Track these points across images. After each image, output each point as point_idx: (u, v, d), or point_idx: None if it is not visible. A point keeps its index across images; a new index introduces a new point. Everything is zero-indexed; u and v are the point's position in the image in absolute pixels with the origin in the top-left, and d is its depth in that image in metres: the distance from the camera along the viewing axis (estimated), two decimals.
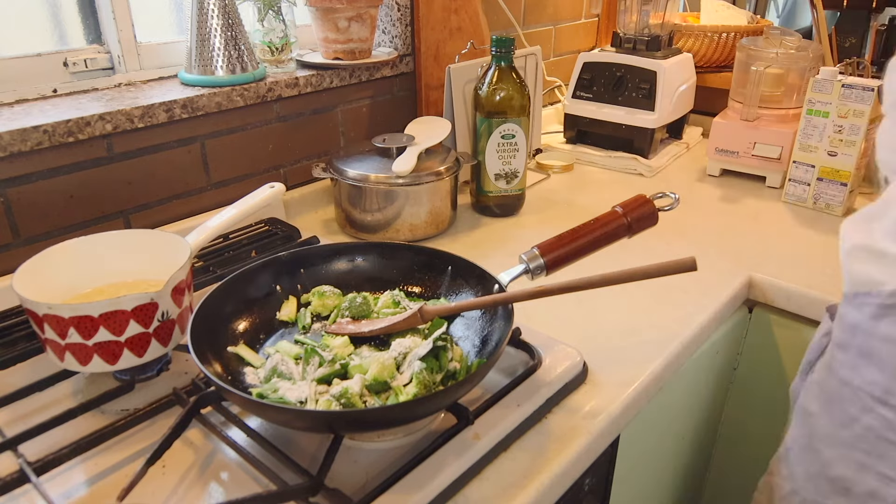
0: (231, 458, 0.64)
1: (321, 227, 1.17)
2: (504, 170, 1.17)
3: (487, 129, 1.14)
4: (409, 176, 1.05)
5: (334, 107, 1.24)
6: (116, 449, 0.65)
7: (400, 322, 0.72)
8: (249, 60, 1.09)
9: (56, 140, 0.89)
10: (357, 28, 1.18)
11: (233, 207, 0.88)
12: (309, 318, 0.78)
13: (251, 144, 1.13)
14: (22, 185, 0.89)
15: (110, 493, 0.58)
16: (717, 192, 1.35)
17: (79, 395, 0.73)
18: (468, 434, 0.65)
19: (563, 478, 0.66)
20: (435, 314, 0.72)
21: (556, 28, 1.72)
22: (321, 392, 0.64)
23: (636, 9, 1.49)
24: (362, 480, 0.61)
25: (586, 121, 1.50)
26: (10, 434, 0.64)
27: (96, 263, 0.78)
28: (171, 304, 0.70)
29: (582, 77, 1.50)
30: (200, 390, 0.68)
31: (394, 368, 0.67)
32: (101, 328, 0.66)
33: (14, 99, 0.95)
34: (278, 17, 1.14)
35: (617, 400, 0.74)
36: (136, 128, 0.97)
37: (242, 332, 0.75)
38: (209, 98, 1.03)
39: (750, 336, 1.10)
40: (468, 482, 0.62)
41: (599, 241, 0.78)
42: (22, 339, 0.80)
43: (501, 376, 0.74)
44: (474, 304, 0.73)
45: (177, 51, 1.12)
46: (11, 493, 0.58)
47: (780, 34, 1.40)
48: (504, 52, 1.12)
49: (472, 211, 1.24)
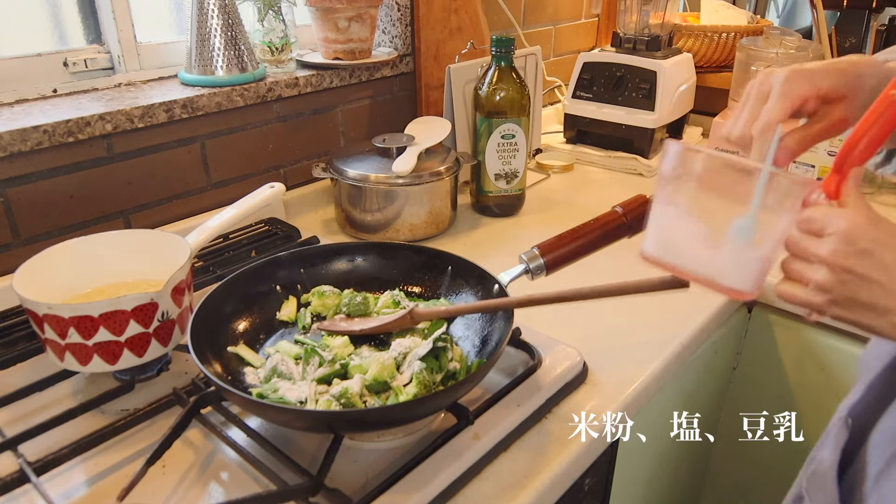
0: (231, 458, 0.64)
1: (321, 227, 1.17)
2: (504, 170, 1.17)
3: (487, 129, 1.14)
4: (409, 176, 1.05)
5: (334, 107, 1.24)
6: (116, 449, 0.65)
7: (391, 323, 0.73)
8: (249, 60, 1.09)
9: (56, 140, 0.88)
10: (357, 28, 1.18)
11: (233, 207, 0.88)
12: (309, 318, 0.78)
13: (251, 144, 1.13)
14: (22, 185, 0.89)
15: (110, 493, 0.58)
16: None
17: (79, 395, 0.73)
18: (468, 434, 0.65)
19: (563, 478, 0.66)
20: (425, 317, 0.72)
21: (556, 28, 1.72)
22: (321, 392, 0.64)
23: (636, 9, 1.49)
24: (362, 480, 0.61)
25: (586, 121, 1.50)
26: (10, 434, 0.64)
27: (96, 263, 0.78)
28: (171, 304, 0.70)
29: (582, 77, 1.50)
30: (200, 390, 0.68)
31: (394, 368, 0.67)
32: (101, 328, 0.66)
33: (14, 99, 0.95)
34: (278, 17, 1.14)
35: (617, 400, 0.74)
36: (136, 128, 0.97)
37: (242, 332, 0.75)
38: (209, 98, 1.03)
39: (749, 336, 1.10)
40: (468, 482, 0.62)
41: (599, 241, 0.78)
42: (22, 339, 0.80)
43: (501, 376, 0.74)
44: (465, 309, 0.73)
45: (177, 51, 1.12)
46: (11, 493, 0.58)
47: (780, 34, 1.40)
48: (504, 52, 1.12)
49: (472, 211, 1.24)
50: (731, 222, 0.52)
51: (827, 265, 0.49)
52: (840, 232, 0.49)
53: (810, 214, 0.51)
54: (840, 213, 0.50)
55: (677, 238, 0.56)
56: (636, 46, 1.47)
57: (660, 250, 0.58)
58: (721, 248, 0.54)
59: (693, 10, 1.81)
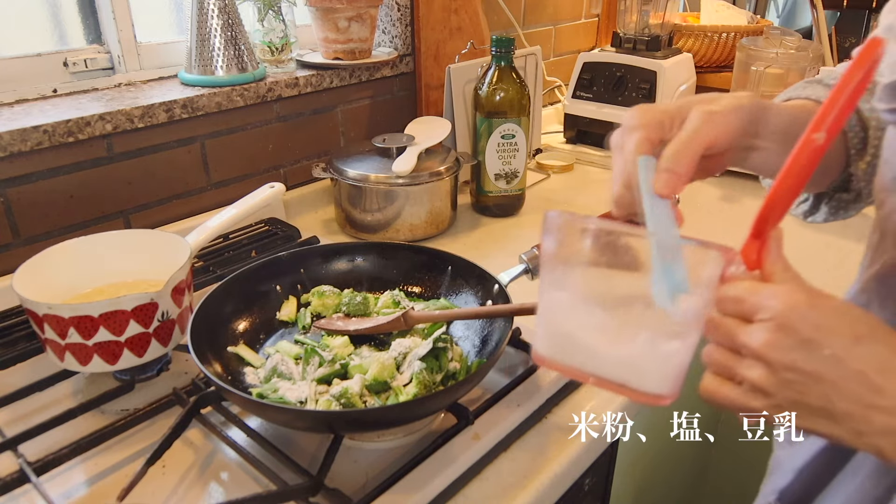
0: (231, 458, 0.64)
1: (321, 227, 1.17)
2: (504, 170, 1.17)
3: (487, 129, 1.14)
4: (409, 176, 1.05)
5: (334, 107, 1.24)
6: (116, 449, 0.65)
7: (385, 324, 0.73)
8: (249, 60, 1.09)
9: (56, 140, 0.88)
10: (357, 28, 1.18)
11: (233, 207, 0.88)
12: (309, 318, 0.78)
13: (251, 144, 1.13)
14: (22, 185, 0.89)
15: (110, 493, 0.58)
16: (717, 192, 1.35)
17: (79, 395, 0.73)
18: (468, 434, 0.65)
19: (563, 478, 0.66)
20: (418, 321, 0.72)
21: (556, 28, 1.72)
22: (321, 392, 0.64)
23: (636, 9, 1.49)
24: (362, 480, 0.61)
25: (586, 121, 1.50)
26: (10, 434, 0.64)
27: (96, 263, 0.78)
28: (171, 304, 0.70)
29: (582, 77, 1.50)
30: (200, 390, 0.68)
31: (394, 368, 0.67)
32: (101, 328, 0.66)
33: (14, 99, 0.95)
34: (278, 17, 1.14)
35: (617, 400, 0.74)
36: (136, 128, 0.97)
37: (242, 332, 0.75)
38: (209, 98, 1.03)
39: None
40: (468, 482, 0.62)
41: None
42: (22, 339, 0.80)
43: (501, 376, 0.74)
44: (458, 314, 0.73)
45: (177, 51, 1.12)
46: (11, 493, 0.58)
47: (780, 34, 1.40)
48: (504, 52, 1.12)
49: (472, 211, 1.24)
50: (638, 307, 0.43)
51: (763, 361, 0.40)
52: (775, 317, 0.39)
53: (733, 293, 0.41)
54: (770, 291, 0.40)
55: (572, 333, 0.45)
56: (636, 46, 1.47)
57: (554, 349, 0.46)
58: (629, 342, 0.43)
59: (693, 10, 1.81)
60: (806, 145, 0.40)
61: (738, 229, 0.44)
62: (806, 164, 0.40)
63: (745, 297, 0.41)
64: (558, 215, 0.44)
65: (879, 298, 0.53)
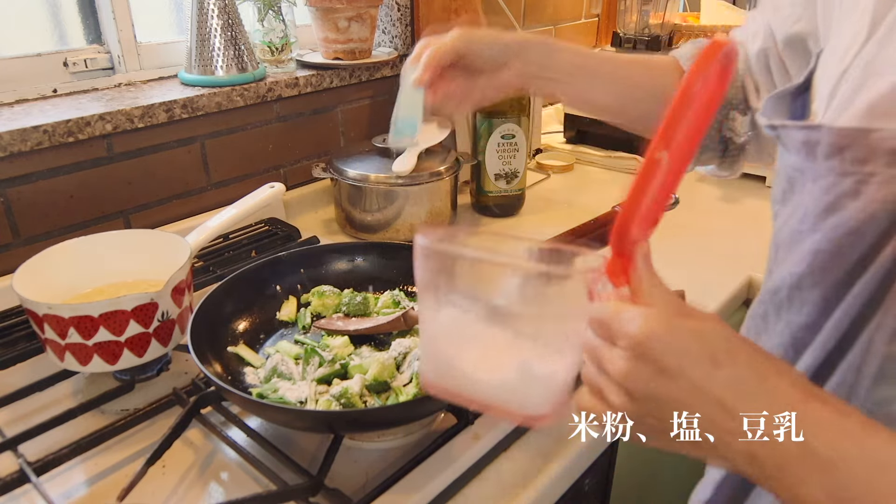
0: (231, 458, 0.64)
1: (321, 227, 1.17)
2: (504, 170, 1.17)
3: (487, 129, 1.14)
4: (409, 176, 1.05)
5: (334, 107, 1.24)
6: (116, 449, 0.65)
7: (384, 324, 0.73)
8: (249, 60, 1.09)
9: (56, 140, 0.88)
10: (357, 28, 1.18)
11: (233, 207, 0.88)
12: (309, 318, 0.78)
13: (251, 144, 1.13)
14: (22, 185, 0.89)
15: (110, 493, 0.58)
16: (717, 192, 1.35)
17: (79, 395, 0.73)
18: (468, 434, 0.65)
19: (563, 478, 0.66)
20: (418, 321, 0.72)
21: (556, 28, 1.72)
22: (321, 392, 0.64)
23: (636, 9, 1.49)
24: (362, 480, 0.61)
25: (586, 121, 1.50)
26: (10, 434, 0.64)
27: (96, 263, 0.78)
28: (171, 304, 0.70)
29: None
30: (200, 390, 0.68)
31: (394, 368, 0.67)
32: (101, 328, 0.66)
33: (14, 99, 0.95)
34: (278, 17, 1.14)
35: None
36: (136, 128, 0.97)
37: (242, 332, 0.75)
38: (209, 98, 1.03)
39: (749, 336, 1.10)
40: (468, 482, 0.62)
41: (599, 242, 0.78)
42: (22, 339, 0.80)
43: None
44: None
45: (177, 51, 1.12)
46: (11, 493, 0.58)
47: None
48: None
49: (472, 211, 1.24)
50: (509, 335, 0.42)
51: (623, 389, 0.39)
52: (633, 346, 0.38)
53: (598, 315, 0.40)
54: (630, 314, 0.39)
55: (451, 361, 0.45)
56: (636, 46, 1.47)
57: (438, 375, 0.46)
58: (506, 368, 0.43)
59: (693, 10, 1.81)
60: (649, 164, 0.38)
61: (739, 229, 0.43)
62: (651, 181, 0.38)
63: (607, 322, 0.40)
64: (425, 239, 0.42)
65: (774, 310, 0.52)
